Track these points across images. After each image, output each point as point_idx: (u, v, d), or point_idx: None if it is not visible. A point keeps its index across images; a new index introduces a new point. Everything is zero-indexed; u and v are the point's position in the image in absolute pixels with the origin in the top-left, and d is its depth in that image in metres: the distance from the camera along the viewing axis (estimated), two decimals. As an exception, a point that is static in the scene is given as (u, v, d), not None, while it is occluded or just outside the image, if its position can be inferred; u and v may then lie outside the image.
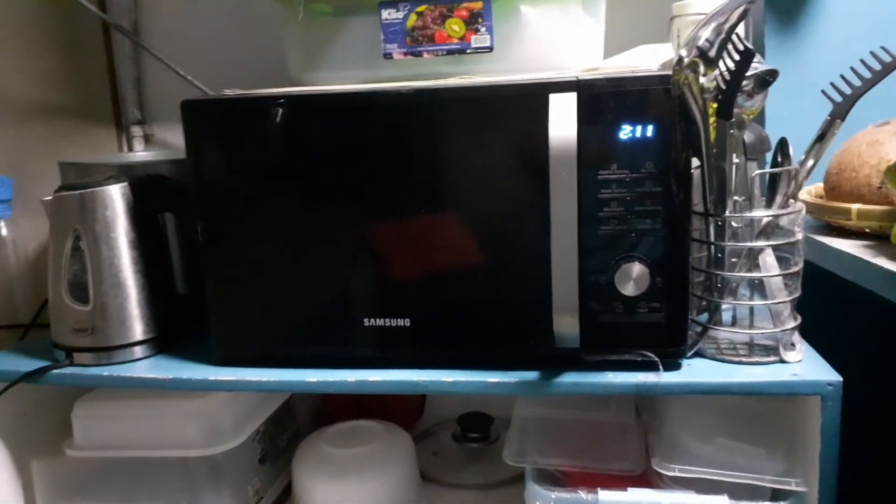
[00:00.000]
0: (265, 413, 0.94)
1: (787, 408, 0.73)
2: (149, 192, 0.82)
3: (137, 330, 0.80)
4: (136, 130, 1.18)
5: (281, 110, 0.71)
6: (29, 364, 0.79)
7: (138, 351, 0.80)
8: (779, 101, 0.93)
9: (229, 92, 0.76)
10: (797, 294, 0.70)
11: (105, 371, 0.78)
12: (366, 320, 0.73)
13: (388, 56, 0.79)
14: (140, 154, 1.15)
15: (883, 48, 0.69)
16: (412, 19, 0.78)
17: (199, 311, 0.77)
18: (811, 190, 0.90)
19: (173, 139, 1.19)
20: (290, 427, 1.06)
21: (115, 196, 0.79)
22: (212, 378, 0.75)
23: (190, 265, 0.91)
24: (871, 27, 0.95)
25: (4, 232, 1.10)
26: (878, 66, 0.69)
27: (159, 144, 1.20)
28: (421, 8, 0.77)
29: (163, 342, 0.82)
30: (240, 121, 0.72)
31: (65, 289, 0.78)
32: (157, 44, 1.07)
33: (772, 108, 0.96)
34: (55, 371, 0.78)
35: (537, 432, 0.82)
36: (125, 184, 0.80)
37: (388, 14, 0.78)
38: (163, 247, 0.87)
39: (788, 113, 0.93)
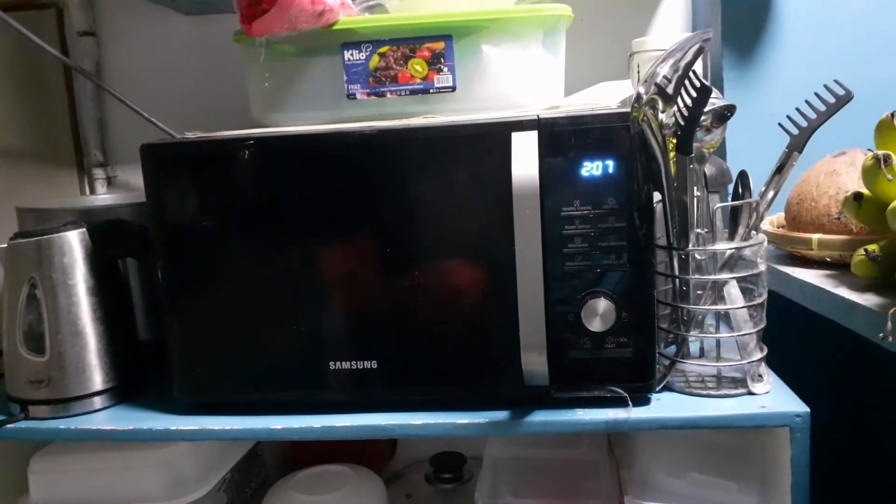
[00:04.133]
0: (231, 460, 0.92)
1: (757, 440, 0.73)
2: (109, 238, 0.81)
3: (97, 380, 0.77)
4: (99, 173, 1.16)
5: (242, 153, 0.70)
6: (-19, 419, 0.77)
7: (98, 401, 0.77)
8: (739, 133, 0.95)
9: (190, 135, 0.75)
10: (762, 325, 0.70)
11: (62, 424, 0.75)
12: (331, 363, 0.71)
13: (351, 97, 0.79)
14: (101, 197, 1.13)
15: (836, 81, 0.71)
16: (375, 60, 0.78)
17: (161, 357, 0.75)
18: (773, 220, 0.92)
19: (136, 181, 1.17)
20: (258, 473, 1.03)
21: (73, 242, 0.77)
22: (174, 428, 0.72)
23: (152, 311, 0.89)
24: (828, 59, 0.98)
25: (-40, 280, 1.07)
26: (832, 100, 0.71)
27: (122, 187, 1.18)
28: (383, 49, 0.77)
29: (124, 391, 0.80)
30: (200, 164, 0.72)
31: (19, 339, 0.76)
32: (120, 85, 1.06)
33: (733, 140, 0.98)
34: (9, 426, 0.75)
35: (510, 472, 0.81)
36: (83, 229, 0.78)
37: (350, 55, 0.78)
38: (124, 293, 0.86)
39: (750, 144, 0.95)
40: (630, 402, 0.67)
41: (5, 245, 0.78)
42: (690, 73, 0.64)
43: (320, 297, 0.71)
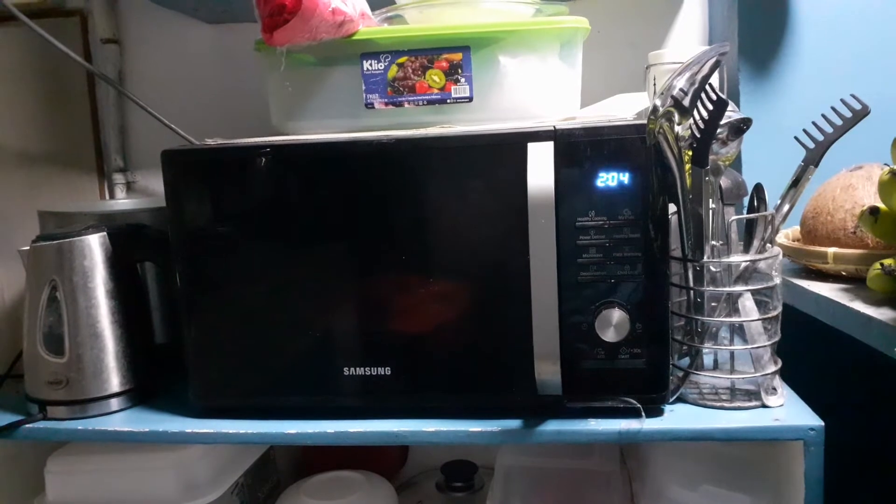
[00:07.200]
0: (244, 464, 0.92)
1: (771, 453, 0.73)
2: (128, 242, 0.82)
3: (114, 382, 0.78)
4: (119, 178, 1.18)
5: (261, 160, 0.71)
6: (0, 418, 0.78)
7: (114, 403, 0.78)
8: (755, 146, 0.95)
9: (210, 141, 0.76)
10: (777, 338, 0.70)
11: (80, 425, 0.76)
12: (346, 369, 0.72)
13: (369, 106, 0.80)
14: (121, 202, 1.15)
15: (853, 96, 0.71)
16: (393, 70, 0.79)
17: (178, 360, 0.76)
18: (788, 233, 0.91)
19: (156, 186, 1.19)
20: (271, 478, 1.04)
21: (94, 246, 0.78)
22: (189, 430, 0.73)
23: (169, 314, 0.90)
24: (845, 73, 0.98)
25: (-18, 281, 1.09)
26: (848, 114, 0.71)
27: (142, 192, 1.20)
28: (402, 59, 0.78)
29: (140, 394, 0.81)
30: (220, 170, 0.72)
31: (39, 341, 0.77)
32: (141, 92, 1.08)
33: (748, 153, 0.98)
34: (27, 426, 0.76)
35: (521, 482, 0.81)
36: (104, 233, 0.79)
37: (369, 65, 0.79)
38: (142, 296, 0.86)
39: (765, 157, 0.95)
40: (643, 413, 0.67)
41: (27, 248, 0.79)
42: (707, 86, 0.64)
43: (335, 304, 0.72)
